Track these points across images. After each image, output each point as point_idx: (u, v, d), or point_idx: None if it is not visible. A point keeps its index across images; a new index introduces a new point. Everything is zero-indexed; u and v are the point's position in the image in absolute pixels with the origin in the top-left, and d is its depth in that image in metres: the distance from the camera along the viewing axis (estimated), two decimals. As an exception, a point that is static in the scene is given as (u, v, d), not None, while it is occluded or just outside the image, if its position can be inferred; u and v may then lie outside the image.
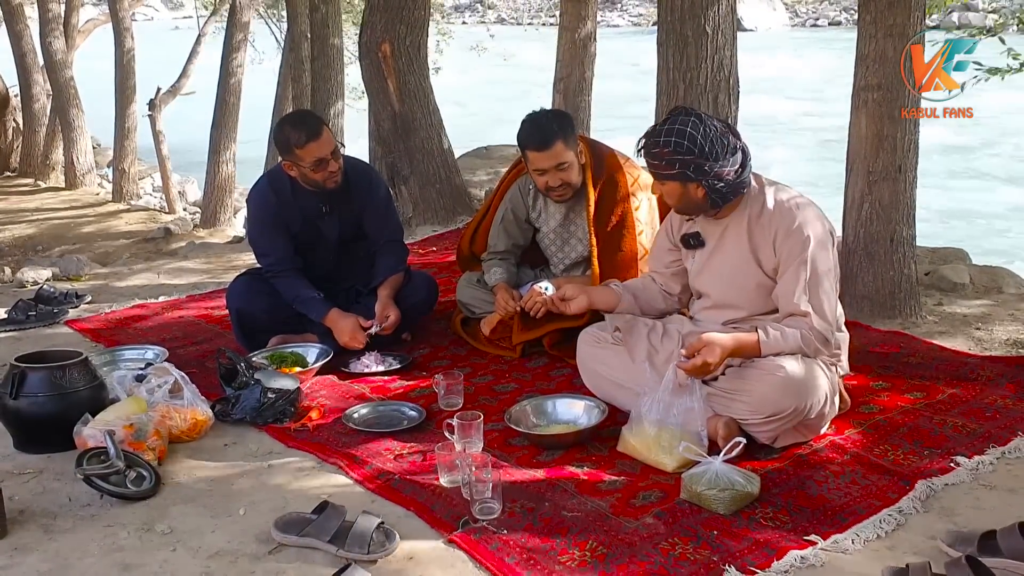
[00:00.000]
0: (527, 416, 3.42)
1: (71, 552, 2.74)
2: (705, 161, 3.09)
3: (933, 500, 2.88)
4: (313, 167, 3.99)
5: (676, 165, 3.11)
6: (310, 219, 4.19)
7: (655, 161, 3.17)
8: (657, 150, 3.13)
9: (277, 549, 2.73)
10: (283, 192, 4.15)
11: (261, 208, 4.21)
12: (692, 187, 3.16)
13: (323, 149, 3.98)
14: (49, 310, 4.92)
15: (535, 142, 3.91)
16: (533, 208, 4.24)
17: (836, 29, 36.24)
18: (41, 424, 3.34)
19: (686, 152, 3.08)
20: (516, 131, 4.01)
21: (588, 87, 8.11)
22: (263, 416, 3.51)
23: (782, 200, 3.21)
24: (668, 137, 3.10)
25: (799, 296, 3.13)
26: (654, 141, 3.14)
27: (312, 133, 3.96)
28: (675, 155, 3.10)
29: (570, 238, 4.20)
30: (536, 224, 4.27)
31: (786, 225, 3.16)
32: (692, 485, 2.86)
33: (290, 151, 3.99)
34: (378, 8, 6.46)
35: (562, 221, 4.19)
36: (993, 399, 3.51)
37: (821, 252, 3.15)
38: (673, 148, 3.09)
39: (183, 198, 14.04)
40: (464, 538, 2.73)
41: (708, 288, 3.39)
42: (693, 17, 4.72)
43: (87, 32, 14.60)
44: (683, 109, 3.19)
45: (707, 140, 3.09)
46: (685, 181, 3.15)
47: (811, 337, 3.13)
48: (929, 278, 4.82)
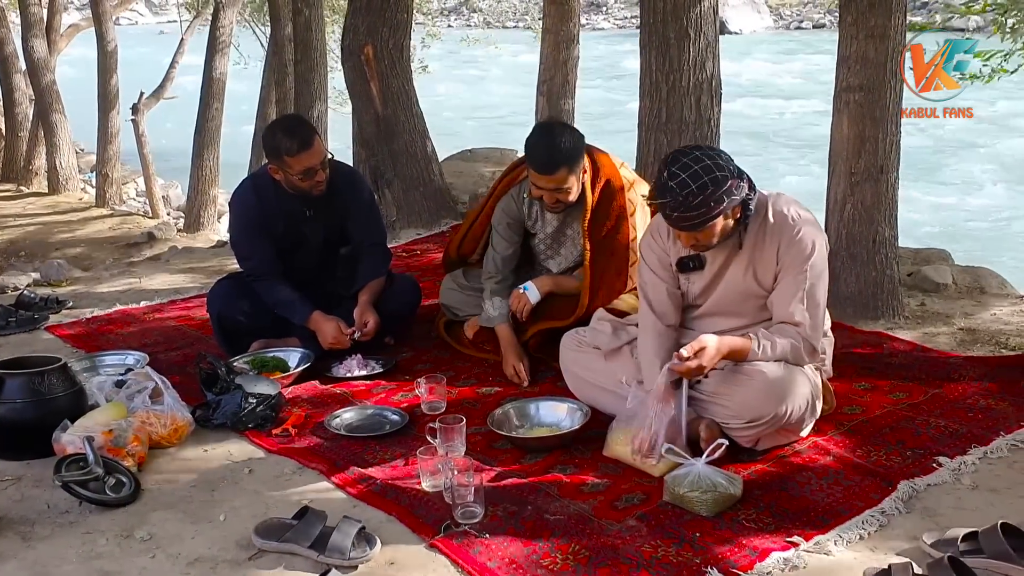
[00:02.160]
0: (510, 419, 3.41)
1: (49, 560, 2.72)
2: (736, 179, 2.98)
3: (915, 501, 2.89)
4: (301, 176, 3.97)
5: (722, 201, 2.94)
6: (293, 223, 4.16)
7: (696, 211, 2.94)
8: (699, 200, 2.92)
9: (257, 555, 2.71)
10: (266, 195, 4.13)
11: (244, 211, 4.19)
12: (732, 212, 3.03)
13: (313, 159, 3.96)
14: (30, 316, 4.88)
15: (538, 165, 3.82)
16: (529, 216, 4.17)
17: (821, 32, 36.39)
18: (19, 430, 3.30)
19: (722, 181, 2.93)
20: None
21: (571, 90, 8.12)
22: (244, 421, 3.49)
23: (782, 211, 3.14)
24: (700, 179, 2.91)
25: (795, 305, 3.11)
26: (687, 195, 2.92)
27: (304, 143, 3.93)
28: (718, 190, 2.93)
29: (565, 241, 4.15)
30: (532, 230, 4.23)
31: (789, 235, 3.11)
32: (675, 487, 2.86)
33: (279, 157, 3.96)
34: (361, 11, 6.44)
35: (558, 227, 4.14)
36: (975, 399, 3.52)
37: (820, 263, 3.14)
38: (713, 186, 2.92)
39: (167, 203, 13.98)
40: (446, 542, 2.72)
41: (708, 303, 3.33)
42: (676, 19, 4.73)
43: (69, 36, 14.52)
44: (678, 152, 3.04)
45: (724, 160, 2.98)
46: (728, 209, 2.99)
47: (800, 347, 3.12)
48: (912, 279, 4.83)
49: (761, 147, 17.89)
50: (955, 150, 17.24)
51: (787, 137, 19.17)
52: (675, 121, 4.87)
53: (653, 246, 3.34)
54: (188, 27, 14.08)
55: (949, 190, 15.10)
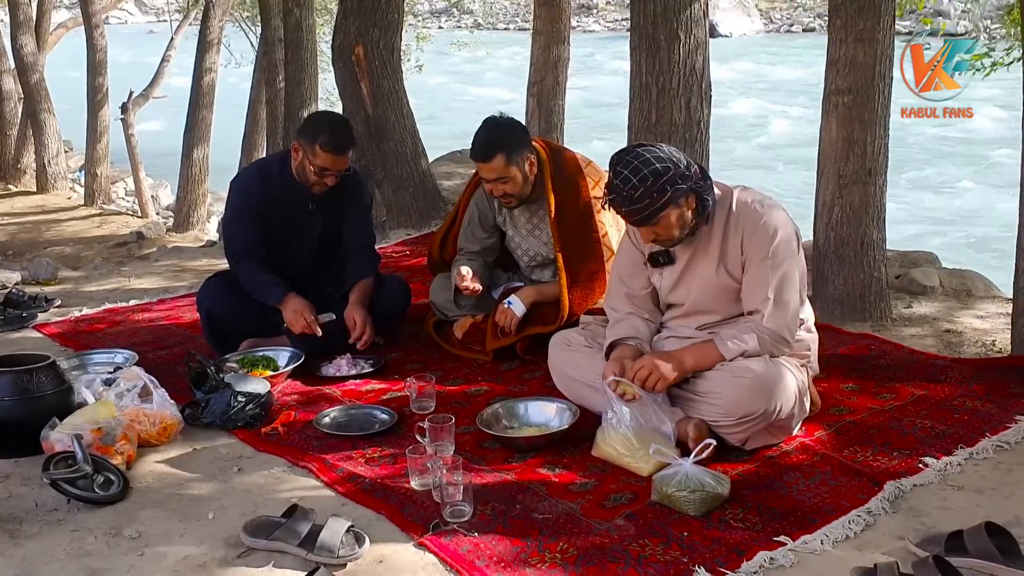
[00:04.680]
0: (499, 419, 3.41)
1: (38, 557, 2.71)
2: (678, 171, 3.05)
3: (901, 500, 2.90)
4: (316, 170, 4.03)
5: (666, 189, 3.02)
6: (292, 214, 4.18)
7: (641, 204, 3.04)
8: (641, 192, 3.02)
9: (246, 553, 2.71)
10: (271, 180, 4.17)
11: (243, 192, 4.22)
12: (685, 202, 3.09)
13: (336, 165, 4.04)
14: (17, 314, 4.87)
15: (474, 152, 4.00)
16: (499, 212, 4.25)
17: (810, 35, 36.53)
18: (7, 428, 3.29)
19: (663, 172, 3.02)
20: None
21: (562, 91, 8.14)
22: (233, 420, 3.48)
23: (746, 200, 3.20)
24: (640, 173, 3.02)
25: (762, 294, 3.14)
26: (629, 190, 3.03)
27: (339, 148, 4.01)
28: (655, 183, 3.01)
29: (535, 241, 4.21)
30: (503, 227, 4.29)
31: (752, 223, 3.16)
32: (662, 487, 2.87)
33: (311, 143, 4.01)
34: (351, 12, 6.45)
35: (526, 224, 4.21)
36: (961, 401, 3.54)
37: (785, 249, 3.15)
38: (652, 178, 3.01)
39: (156, 202, 13.95)
40: (434, 541, 2.72)
41: (681, 299, 3.36)
42: (666, 21, 4.74)
43: (59, 35, 14.49)
44: (621, 151, 3.13)
45: (666, 153, 3.08)
46: (678, 199, 3.06)
47: (766, 338, 3.13)
48: (899, 281, 4.86)
49: (751, 149, 17.95)
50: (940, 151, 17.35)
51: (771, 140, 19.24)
52: (665, 123, 4.88)
53: (627, 246, 3.45)
54: (178, 27, 14.06)
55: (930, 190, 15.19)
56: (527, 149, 4.00)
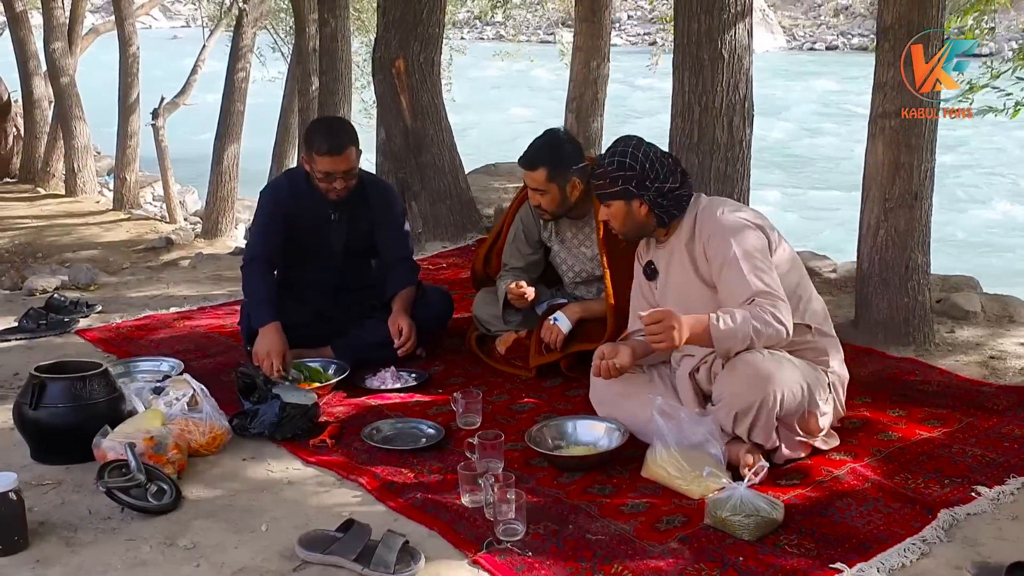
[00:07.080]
0: (546, 437, 3.41)
1: (94, 566, 2.73)
2: (646, 177, 3.27)
3: (956, 530, 2.88)
4: (321, 176, 4.05)
5: (619, 182, 3.29)
6: (316, 224, 4.21)
7: (600, 182, 3.36)
8: (601, 170, 3.35)
9: (301, 566, 2.71)
10: (299, 188, 4.21)
11: (273, 196, 4.27)
12: (635, 204, 3.32)
13: (337, 165, 4.02)
14: (60, 319, 4.89)
15: (523, 158, 4.05)
16: (544, 227, 4.26)
17: (833, 53, 36.46)
18: (60, 435, 3.32)
19: (627, 169, 3.28)
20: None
21: (601, 107, 8.15)
22: (282, 431, 3.50)
23: (709, 207, 3.35)
24: (612, 159, 3.33)
25: (736, 291, 3.15)
26: (603, 166, 3.35)
27: (334, 148, 4.01)
28: (617, 172, 3.29)
29: (580, 256, 4.21)
30: (548, 243, 4.29)
31: (708, 230, 3.28)
32: (716, 511, 2.86)
33: (310, 152, 4.06)
34: (393, 24, 6.48)
35: (572, 239, 4.21)
36: (1010, 429, 3.52)
37: (746, 242, 3.19)
38: (616, 167, 3.30)
39: (183, 208, 14.01)
40: (489, 559, 2.72)
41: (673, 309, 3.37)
42: (710, 41, 4.75)
43: (90, 39, 14.59)
44: (627, 136, 3.40)
45: (647, 159, 3.29)
46: (628, 198, 3.31)
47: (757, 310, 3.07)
48: (940, 305, 4.83)
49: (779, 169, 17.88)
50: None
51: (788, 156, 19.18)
52: (707, 142, 4.88)
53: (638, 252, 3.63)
54: (211, 34, 14.14)
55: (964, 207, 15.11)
56: (576, 172, 3.98)
